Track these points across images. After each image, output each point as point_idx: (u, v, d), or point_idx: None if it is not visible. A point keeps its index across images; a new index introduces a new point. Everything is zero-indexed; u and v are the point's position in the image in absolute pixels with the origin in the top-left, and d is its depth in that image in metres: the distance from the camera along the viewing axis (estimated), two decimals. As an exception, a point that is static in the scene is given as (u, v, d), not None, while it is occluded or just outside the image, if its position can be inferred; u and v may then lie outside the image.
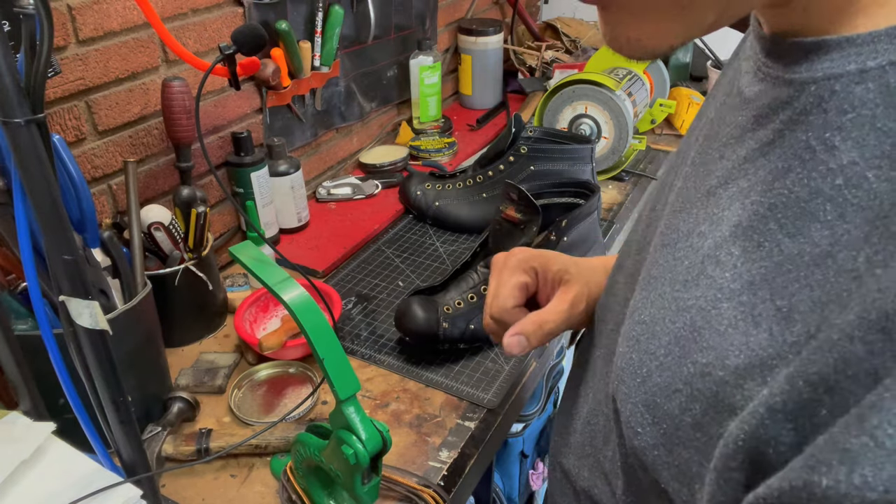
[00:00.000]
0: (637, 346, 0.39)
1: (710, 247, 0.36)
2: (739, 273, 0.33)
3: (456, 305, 0.88)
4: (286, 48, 1.09)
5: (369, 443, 0.56)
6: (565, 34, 1.83)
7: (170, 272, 0.85)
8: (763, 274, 0.32)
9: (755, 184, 0.34)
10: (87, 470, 0.54)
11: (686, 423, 0.35)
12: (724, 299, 0.34)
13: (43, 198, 0.42)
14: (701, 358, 0.34)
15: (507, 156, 1.14)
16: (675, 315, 0.37)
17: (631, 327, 0.41)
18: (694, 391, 0.34)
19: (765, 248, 0.32)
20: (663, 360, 0.37)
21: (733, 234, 0.34)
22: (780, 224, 0.32)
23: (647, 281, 0.41)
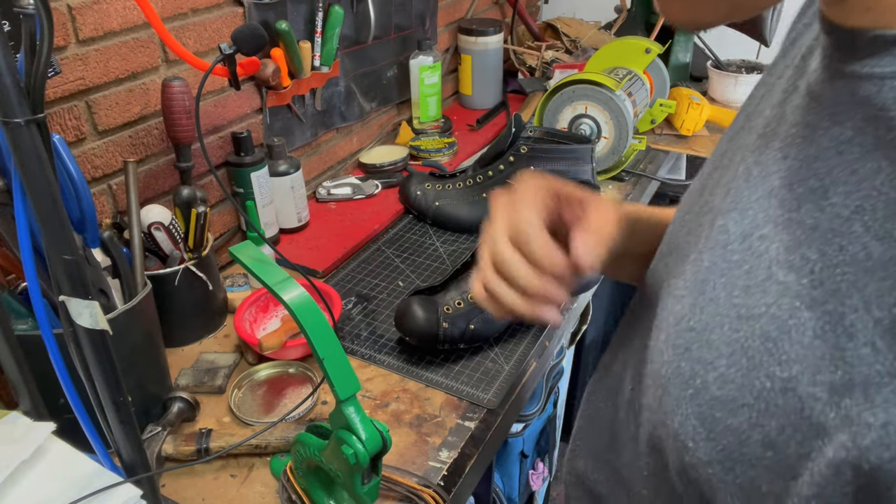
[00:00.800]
0: (687, 354, 0.37)
1: (779, 251, 0.33)
2: (821, 280, 0.31)
3: (456, 305, 0.88)
4: (286, 48, 1.09)
5: (369, 443, 0.56)
6: (565, 34, 1.83)
7: (170, 272, 0.85)
8: (852, 281, 0.30)
9: (832, 184, 0.32)
10: (87, 470, 0.54)
11: (755, 440, 0.32)
12: (805, 308, 0.31)
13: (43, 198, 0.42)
14: (780, 372, 0.31)
15: (507, 156, 1.14)
16: (738, 323, 0.34)
17: (678, 335, 0.38)
18: (771, 407, 0.32)
19: (848, 251, 0.30)
20: (724, 372, 0.34)
21: (809, 238, 0.32)
22: (866, 227, 0.30)
23: (694, 286, 0.39)
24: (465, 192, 1.18)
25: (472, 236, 1.17)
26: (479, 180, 1.17)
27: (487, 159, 1.19)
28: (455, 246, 1.15)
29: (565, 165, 1.11)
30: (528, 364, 0.89)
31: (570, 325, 1.02)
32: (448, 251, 1.13)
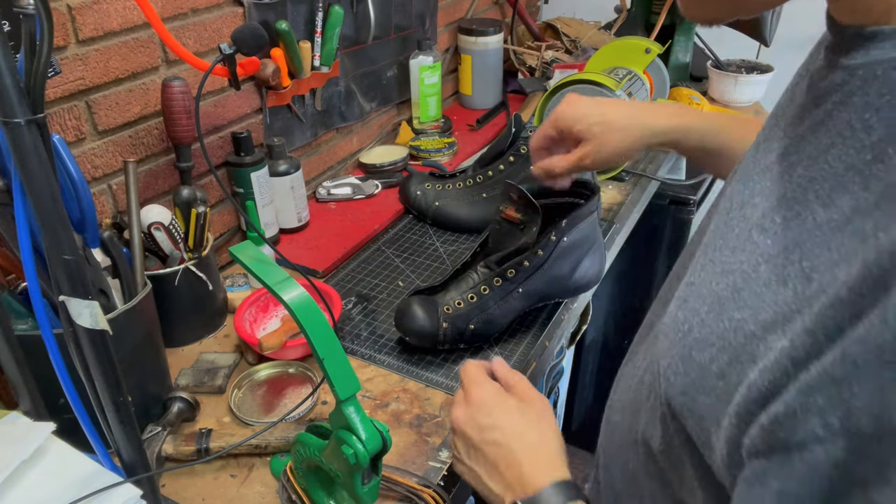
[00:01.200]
0: (684, 305, 0.43)
1: (759, 216, 0.39)
2: (779, 239, 0.37)
3: (456, 305, 0.88)
4: (286, 48, 1.09)
5: (369, 443, 0.56)
6: (565, 34, 1.83)
7: (170, 272, 0.85)
8: (796, 239, 0.35)
9: (802, 159, 0.38)
10: (87, 470, 0.54)
11: (712, 372, 0.38)
12: (763, 262, 0.37)
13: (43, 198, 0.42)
14: (737, 314, 0.38)
15: (507, 156, 1.14)
16: (720, 277, 0.40)
17: (682, 289, 0.45)
18: (725, 344, 0.38)
19: (802, 216, 0.36)
20: (704, 318, 0.40)
21: (779, 205, 0.38)
22: (817, 195, 0.35)
23: (703, 248, 0.45)
24: (465, 192, 1.18)
25: (472, 236, 1.17)
26: (479, 180, 1.17)
27: (487, 159, 1.19)
28: (455, 246, 1.15)
29: (565, 165, 1.11)
30: (528, 364, 0.89)
31: (570, 325, 1.02)
32: (448, 251, 1.13)
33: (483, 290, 0.89)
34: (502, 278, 0.89)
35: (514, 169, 1.13)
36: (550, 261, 0.90)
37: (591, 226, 0.93)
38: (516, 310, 0.92)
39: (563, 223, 0.88)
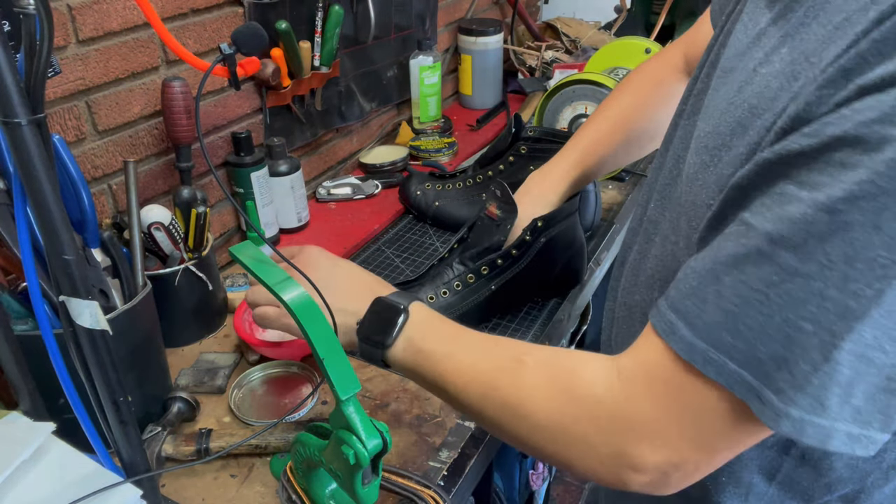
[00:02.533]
0: (705, 150, 0.50)
1: (759, 58, 0.47)
2: (785, 59, 0.44)
3: (428, 300, 0.88)
4: (286, 48, 1.09)
5: (369, 443, 0.56)
6: (565, 34, 1.83)
7: (170, 272, 0.85)
8: (801, 51, 0.43)
9: (798, 7, 0.45)
10: (87, 470, 0.54)
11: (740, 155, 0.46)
12: (772, 78, 0.44)
13: (43, 198, 0.42)
14: (760, 122, 0.44)
15: (507, 156, 1.14)
16: (734, 110, 0.47)
17: (698, 143, 0.51)
18: (752, 146, 0.44)
19: (805, 40, 0.43)
20: (729, 143, 0.47)
21: (781, 43, 0.45)
22: (818, 21, 0.42)
23: (704, 113, 0.53)
24: (465, 192, 1.18)
25: (472, 236, 1.17)
26: (479, 180, 1.17)
27: (487, 159, 1.19)
28: (455, 246, 1.15)
29: (565, 165, 1.11)
30: (528, 364, 0.89)
31: (570, 325, 1.02)
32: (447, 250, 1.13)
33: (456, 286, 0.89)
34: (476, 275, 0.89)
35: (514, 169, 1.13)
36: (525, 260, 0.90)
37: (570, 227, 0.93)
38: (490, 308, 0.92)
39: (539, 223, 0.88)
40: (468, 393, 0.57)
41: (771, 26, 0.48)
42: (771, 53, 0.46)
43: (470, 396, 0.57)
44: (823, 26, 0.42)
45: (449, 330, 0.63)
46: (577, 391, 0.51)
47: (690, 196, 0.52)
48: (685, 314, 0.44)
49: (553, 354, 0.56)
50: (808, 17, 0.44)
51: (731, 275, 0.42)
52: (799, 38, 0.44)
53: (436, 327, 0.63)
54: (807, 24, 0.44)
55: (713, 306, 0.43)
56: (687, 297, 0.45)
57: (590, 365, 0.52)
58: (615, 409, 0.49)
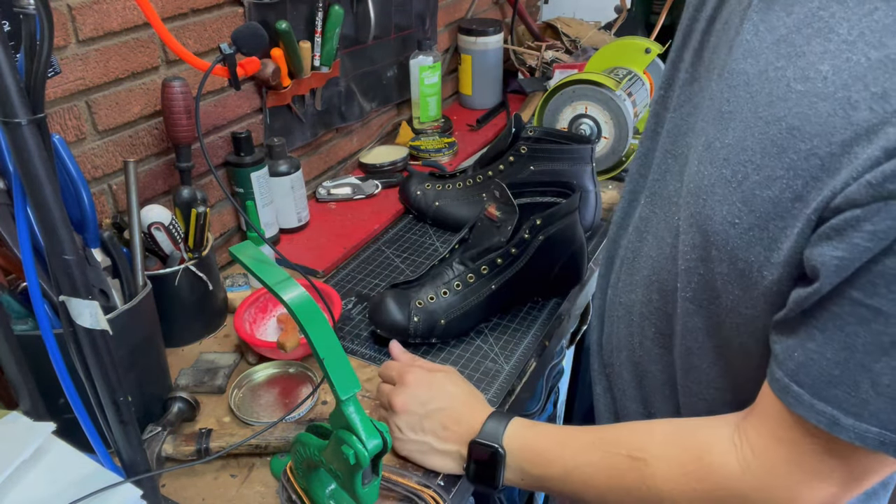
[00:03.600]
0: (726, 163, 0.49)
1: (795, 72, 0.45)
2: (831, 81, 0.43)
3: (428, 300, 0.88)
4: (286, 48, 1.09)
5: (369, 443, 0.56)
6: (565, 34, 1.82)
7: (170, 272, 0.85)
8: (854, 75, 0.42)
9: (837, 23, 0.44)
10: (87, 470, 0.54)
11: (786, 198, 0.45)
12: (819, 101, 0.43)
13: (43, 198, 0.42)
14: (804, 146, 0.44)
15: (507, 156, 1.14)
16: (766, 127, 0.46)
17: (714, 154, 0.51)
18: (798, 172, 0.44)
19: (853, 60, 0.42)
20: (760, 162, 0.47)
21: (820, 59, 0.44)
22: (866, 42, 0.42)
23: (719, 121, 0.51)
24: (465, 192, 1.18)
25: (472, 236, 1.16)
26: (479, 180, 1.17)
27: (487, 159, 1.18)
28: (455, 246, 1.14)
29: (565, 165, 1.11)
30: (528, 364, 0.89)
31: (570, 325, 1.02)
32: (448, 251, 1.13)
33: (456, 286, 0.89)
34: (476, 275, 0.90)
35: (515, 169, 1.13)
36: (524, 259, 0.90)
37: (569, 226, 0.93)
38: (490, 307, 0.92)
39: (538, 222, 0.89)
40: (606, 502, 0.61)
41: (795, 34, 0.47)
42: (807, 69, 0.45)
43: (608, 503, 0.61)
44: (877, 48, 0.41)
45: (551, 448, 0.65)
46: (714, 478, 0.54)
47: (702, 207, 0.52)
48: (841, 403, 0.45)
49: (670, 444, 0.57)
50: (851, 33, 0.43)
51: (881, 362, 0.43)
52: (844, 58, 0.43)
53: (538, 451, 0.65)
54: (852, 43, 0.43)
55: (873, 394, 0.44)
56: (833, 385, 0.45)
57: (715, 447, 0.54)
58: (757, 483, 0.52)
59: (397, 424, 0.73)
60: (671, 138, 0.62)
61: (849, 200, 0.41)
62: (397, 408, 0.72)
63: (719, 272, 0.52)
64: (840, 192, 0.42)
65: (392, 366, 0.79)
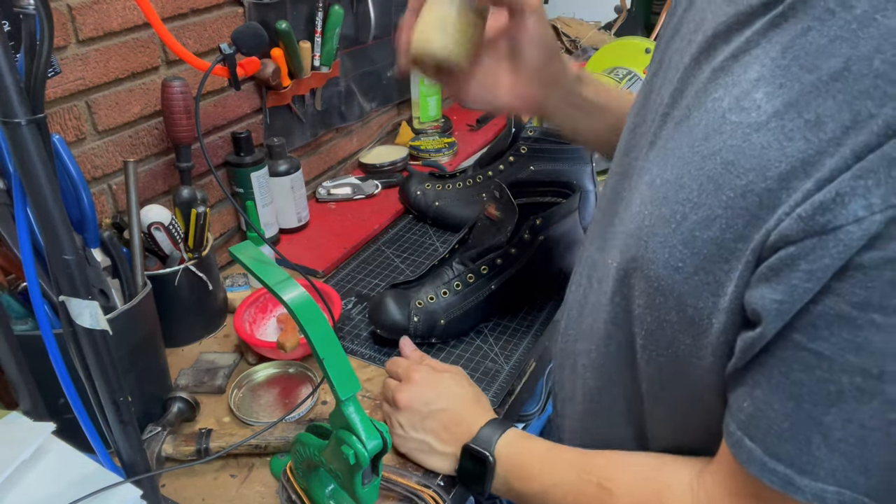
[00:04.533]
0: (665, 202, 0.47)
1: (730, 102, 0.43)
2: (764, 110, 0.41)
3: (428, 300, 0.88)
4: (286, 48, 1.09)
5: (369, 443, 0.56)
6: (565, 34, 1.82)
7: (170, 272, 0.85)
8: (787, 101, 0.40)
9: (772, 47, 0.42)
10: (87, 470, 0.54)
11: (728, 239, 0.42)
12: (753, 132, 0.41)
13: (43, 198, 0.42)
14: (739, 182, 0.41)
15: (507, 156, 1.14)
16: (702, 162, 0.44)
17: (654, 192, 0.48)
18: (736, 210, 0.41)
19: (786, 86, 0.40)
20: (697, 200, 0.44)
21: (755, 86, 0.42)
22: (800, 65, 0.39)
23: (661, 156, 0.49)
24: (465, 192, 1.18)
25: (472, 236, 1.16)
26: (479, 180, 1.17)
27: (487, 159, 1.19)
28: (455, 246, 1.14)
29: (565, 165, 1.11)
30: (528, 364, 0.89)
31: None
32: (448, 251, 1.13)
33: (456, 286, 0.89)
34: (476, 275, 0.90)
35: (514, 169, 1.13)
36: (524, 259, 0.90)
37: (570, 225, 0.93)
38: (490, 307, 0.92)
39: (538, 222, 0.89)
40: None
41: (732, 62, 0.44)
42: (742, 98, 0.42)
43: None
44: (810, 71, 0.39)
45: (534, 465, 0.65)
46: None
47: (644, 251, 0.49)
48: (794, 461, 0.42)
49: (638, 479, 0.56)
50: (784, 57, 0.41)
51: (830, 414, 0.40)
52: (777, 84, 0.40)
53: (523, 466, 0.65)
54: (786, 68, 0.40)
55: (826, 451, 0.41)
56: (784, 441, 0.42)
57: (675, 489, 0.53)
58: None
59: (399, 421, 0.73)
60: (618, 178, 0.58)
61: (783, 237, 0.38)
62: (401, 404, 0.73)
63: (668, 320, 0.48)
64: (774, 228, 0.39)
65: (400, 362, 0.79)
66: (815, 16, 0.39)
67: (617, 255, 0.54)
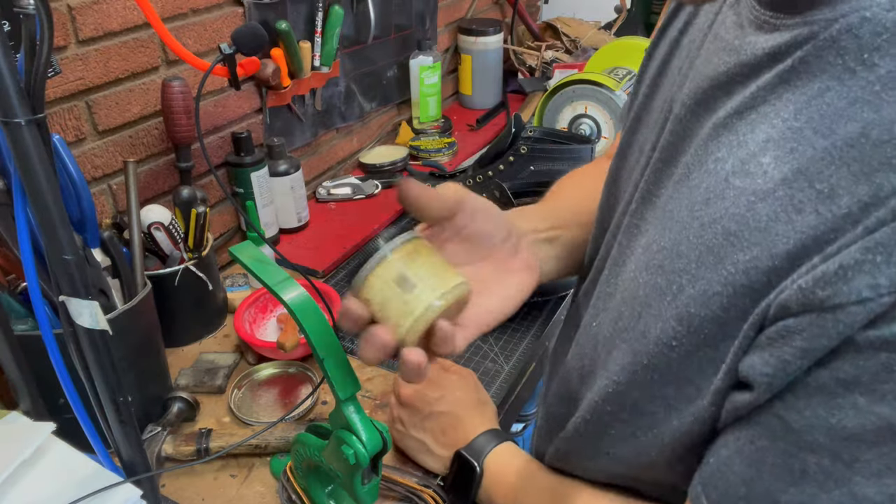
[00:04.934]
0: (661, 270, 0.43)
1: (735, 164, 0.39)
2: (771, 176, 0.37)
3: None
4: (286, 48, 1.09)
5: (369, 443, 0.56)
6: (565, 34, 1.82)
7: (170, 272, 0.85)
8: (796, 169, 0.36)
9: (784, 106, 0.38)
10: (87, 470, 0.54)
11: (732, 317, 0.38)
12: (759, 201, 0.37)
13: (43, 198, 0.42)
14: (743, 256, 0.37)
15: (507, 156, 1.14)
16: (701, 230, 0.40)
17: (649, 258, 0.44)
18: (737, 289, 0.37)
19: (797, 151, 0.36)
20: (695, 273, 0.40)
21: (762, 149, 0.38)
22: (814, 129, 0.36)
23: (657, 217, 0.45)
24: (465, 192, 1.18)
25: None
26: (479, 180, 1.17)
27: (487, 159, 1.18)
28: (455, 246, 1.14)
29: (565, 165, 1.11)
30: (528, 364, 0.89)
31: (570, 325, 1.02)
32: (448, 251, 1.13)
33: None
34: None
35: (514, 169, 1.13)
36: None
37: None
38: None
39: None
40: None
41: (737, 119, 0.41)
42: (748, 161, 0.39)
43: None
44: (825, 136, 0.35)
45: (515, 483, 0.63)
46: None
47: (637, 321, 0.45)
48: None
49: None
50: (798, 118, 0.37)
51: (789, 494, 0.37)
52: (788, 148, 0.37)
53: (504, 483, 0.64)
54: (798, 130, 0.37)
55: None
56: None
57: None
58: None
59: (400, 417, 0.73)
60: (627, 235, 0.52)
61: (782, 308, 0.35)
62: (403, 399, 0.73)
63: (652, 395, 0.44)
64: (774, 300, 0.36)
65: None
66: (833, 74, 0.36)
67: (608, 325, 0.49)
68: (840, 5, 0.36)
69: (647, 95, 0.55)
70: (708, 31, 0.48)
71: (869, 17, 0.35)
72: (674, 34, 0.55)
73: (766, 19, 0.41)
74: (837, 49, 0.36)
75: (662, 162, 0.47)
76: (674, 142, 0.46)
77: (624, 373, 0.46)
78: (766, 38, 0.40)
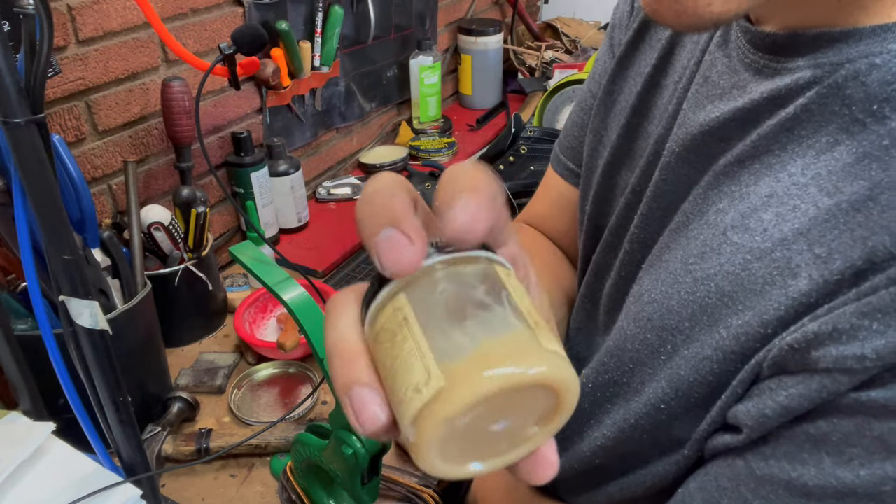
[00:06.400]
0: (649, 325, 0.41)
1: (734, 218, 0.38)
2: (770, 235, 0.35)
3: None
4: (286, 48, 1.09)
5: (369, 443, 0.56)
6: (565, 34, 1.82)
7: (170, 272, 0.85)
8: (797, 229, 0.34)
9: (790, 159, 0.36)
10: (87, 470, 0.54)
11: (722, 382, 0.37)
12: (755, 260, 0.36)
13: (43, 198, 0.42)
14: (735, 321, 0.36)
15: (507, 156, 1.14)
16: (695, 285, 0.38)
17: (639, 309, 0.42)
18: (728, 355, 0.36)
19: (800, 209, 0.35)
20: (690, 333, 0.38)
21: (765, 203, 0.36)
22: (819, 186, 0.34)
23: (656, 265, 0.43)
24: (465, 192, 1.18)
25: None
26: (479, 180, 1.17)
27: (487, 159, 1.19)
28: (455, 246, 1.14)
29: (565, 165, 1.12)
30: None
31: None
32: (448, 251, 1.13)
33: None
34: None
35: (514, 169, 1.13)
36: None
37: None
38: None
39: None
40: None
41: (740, 169, 0.38)
42: (749, 215, 0.37)
43: None
44: (830, 195, 0.33)
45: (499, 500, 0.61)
46: None
47: (631, 377, 0.43)
48: None
49: None
50: (805, 174, 0.35)
51: None
52: (791, 206, 0.35)
53: (492, 497, 0.62)
54: (804, 187, 0.35)
55: None
56: None
57: None
58: None
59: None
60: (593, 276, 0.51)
61: (772, 364, 0.34)
62: None
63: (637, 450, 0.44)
64: (764, 359, 0.35)
65: None
66: (841, 126, 0.34)
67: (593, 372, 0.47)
68: (846, 49, 0.34)
69: (623, 137, 0.52)
70: (696, 70, 0.45)
71: (879, 65, 0.33)
72: (646, 70, 0.51)
73: (765, 63, 0.39)
74: (843, 98, 0.34)
75: (657, 209, 0.46)
76: (668, 189, 0.44)
77: (614, 429, 0.45)
78: (766, 83, 0.38)
